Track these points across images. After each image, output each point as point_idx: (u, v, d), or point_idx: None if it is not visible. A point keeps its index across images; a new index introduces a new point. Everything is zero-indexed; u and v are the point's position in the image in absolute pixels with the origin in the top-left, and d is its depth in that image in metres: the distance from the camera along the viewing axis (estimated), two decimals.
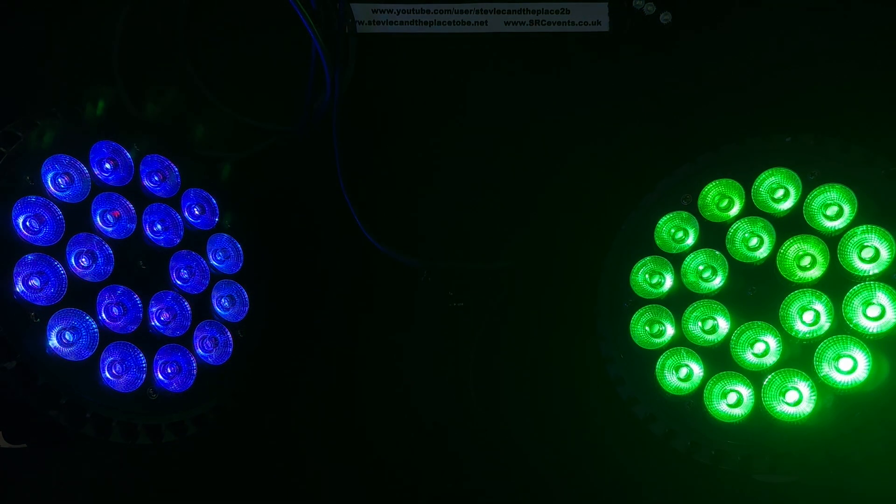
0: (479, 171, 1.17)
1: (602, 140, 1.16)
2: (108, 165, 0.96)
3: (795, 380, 0.88)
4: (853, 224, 0.89)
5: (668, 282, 0.99)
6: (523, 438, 1.09)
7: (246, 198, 1.10)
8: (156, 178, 1.00)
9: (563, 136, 1.17)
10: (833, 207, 0.91)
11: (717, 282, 0.96)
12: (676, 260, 0.98)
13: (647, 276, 1.00)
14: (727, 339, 0.93)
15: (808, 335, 0.89)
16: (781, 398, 0.89)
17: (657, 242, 1.00)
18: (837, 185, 0.91)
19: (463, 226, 1.16)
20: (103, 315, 0.89)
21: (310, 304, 1.15)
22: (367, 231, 1.11)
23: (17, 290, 0.84)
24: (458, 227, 1.16)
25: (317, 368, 1.13)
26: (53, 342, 0.85)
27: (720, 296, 0.95)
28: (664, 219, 1.00)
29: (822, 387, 0.87)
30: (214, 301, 1.01)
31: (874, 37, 1.14)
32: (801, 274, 0.91)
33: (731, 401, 0.91)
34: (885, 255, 0.87)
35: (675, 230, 0.99)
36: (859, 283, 0.87)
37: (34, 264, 0.86)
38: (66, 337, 0.85)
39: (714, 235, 0.97)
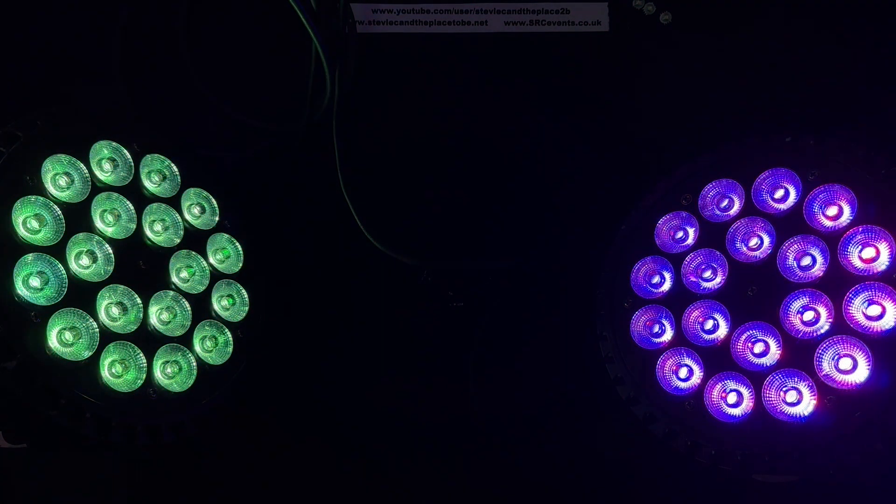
0: (479, 171, 1.17)
1: (602, 140, 1.16)
2: (107, 165, 0.96)
3: (795, 380, 0.88)
4: (853, 224, 0.90)
5: (668, 282, 0.99)
6: (523, 438, 1.09)
7: (246, 198, 1.10)
8: (156, 178, 1.00)
9: (563, 135, 1.17)
10: (833, 207, 0.91)
11: (717, 282, 0.96)
12: (676, 260, 0.99)
13: (647, 276, 1.00)
14: (727, 339, 0.93)
15: (808, 335, 0.89)
16: (781, 398, 0.89)
17: (657, 242, 1.00)
18: (837, 186, 0.91)
19: (463, 226, 1.16)
20: (103, 315, 0.89)
21: (310, 303, 1.15)
22: (367, 231, 1.11)
23: (18, 290, 0.84)
24: (458, 227, 1.16)
25: (316, 368, 1.13)
26: (53, 342, 0.84)
27: (720, 296, 0.95)
28: (664, 219, 1.00)
29: (822, 387, 0.87)
30: (214, 301, 1.01)
31: (874, 37, 1.14)
32: (801, 274, 0.91)
33: (731, 401, 0.91)
34: (885, 255, 0.87)
35: (675, 230, 1.00)
36: (859, 283, 0.87)
37: (34, 264, 0.86)
38: (66, 337, 0.85)
39: (714, 235, 0.97)
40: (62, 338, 0.85)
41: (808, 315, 0.89)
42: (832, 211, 0.91)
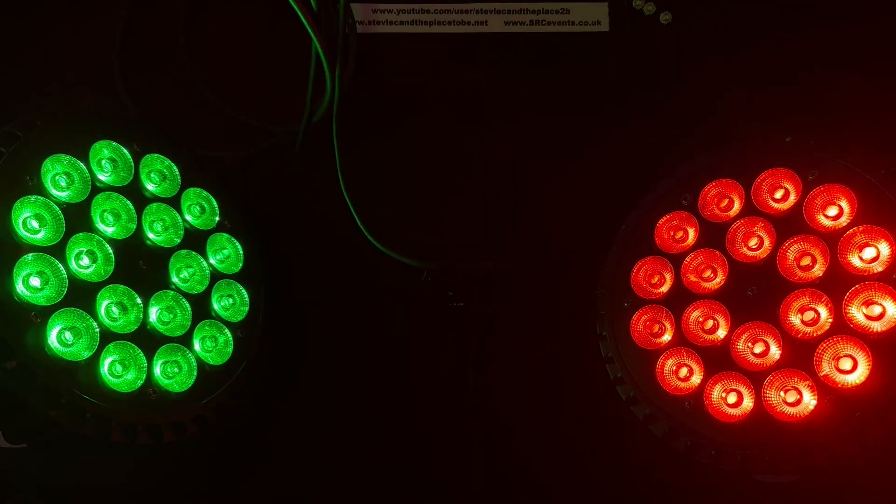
0: (480, 171, 1.17)
1: (602, 140, 1.16)
2: (108, 165, 0.96)
3: (795, 380, 0.88)
4: (853, 224, 0.90)
5: (668, 282, 0.99)
6: (523, 438, 1.09)
7: (246, 198, 1.10)
8: (156, 178, 1.00)
9: (563, 135, 1.17)
10: (833, 207, 0.91)
11: (717, 282, 0.96)
12: (676, 260, 0.99)
13: (647, 276, 1.00)
14: (727, 339, 0.93)
15: (808, 335, 0.89)
16: (781, 398, 0.89)
17: (657, 242, 1.00)
18: (837, 186, 0.91)
19: (463, 226, 1.16)
20: (103, 315, 0.89)
21: (309, 303, 1.15)
22: (367, 231, 1.11)
23: (18, 290, 0.84)
24: (458, 227, 1.16)
25: (317, 368, 1.13)
26: (53, 342, 0.84)
27: (720, 296, 0.95)
28: (664, 219, 1.00)
29: (822, 387, 0.87)
30: (214, 301, 1.01)
31: (874, 37, 1.14)
32: (801, 274, 0.91)
33: (731, 401, 0.91)
34: (885, 255, 0.87)
35: (675, 230, 1.00)
36: (859, 283, 0.87)
37: (34, 264, 0.86)
38: (66, 337, 0.85)
39: (714, 235, 0.97)
40: (62, 338, 0.85)
41: (808, 315, 0.89)
42: (832, 211, 0.91)
